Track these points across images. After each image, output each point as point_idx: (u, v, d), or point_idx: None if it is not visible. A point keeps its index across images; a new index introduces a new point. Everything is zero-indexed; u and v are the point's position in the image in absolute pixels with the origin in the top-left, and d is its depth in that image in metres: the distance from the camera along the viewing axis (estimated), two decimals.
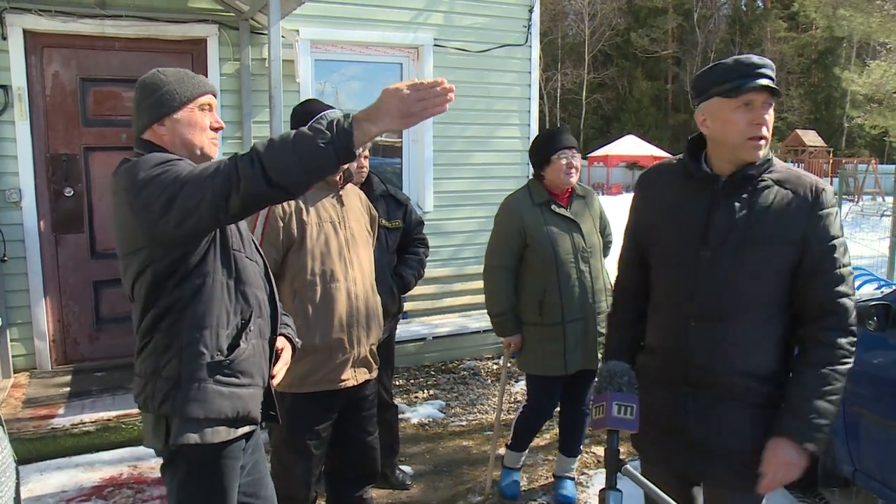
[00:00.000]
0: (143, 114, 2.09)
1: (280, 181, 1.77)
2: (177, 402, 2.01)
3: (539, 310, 3.53)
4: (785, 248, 2.00)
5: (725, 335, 2.05)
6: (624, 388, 2.16)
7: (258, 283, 2.18)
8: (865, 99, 22.75)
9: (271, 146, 1.79)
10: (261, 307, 2.17)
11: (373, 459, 3.14)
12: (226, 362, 2.04)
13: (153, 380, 2.05)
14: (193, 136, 2.10)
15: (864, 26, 18.57)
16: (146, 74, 2.13)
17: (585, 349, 3.56)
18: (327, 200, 2.92)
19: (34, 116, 5.09)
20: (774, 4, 48.01)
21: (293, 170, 1.77)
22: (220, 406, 2.03)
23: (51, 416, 4.39)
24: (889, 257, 9.70)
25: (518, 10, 6.50)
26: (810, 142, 31.69)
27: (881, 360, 3.36)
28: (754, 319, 2.04)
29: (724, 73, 2.00)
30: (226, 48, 5.47)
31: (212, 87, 2.17)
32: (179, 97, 2.07)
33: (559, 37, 45.76)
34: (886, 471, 3.24)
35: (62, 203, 5.25)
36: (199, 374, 2.02)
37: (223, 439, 2.07)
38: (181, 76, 2.11)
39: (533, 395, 3.78)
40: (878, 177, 23.28)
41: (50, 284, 5.23)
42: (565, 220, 3.57)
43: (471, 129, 6.39)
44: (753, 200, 2.03)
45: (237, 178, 1.77)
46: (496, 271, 3.61)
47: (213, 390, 2.03)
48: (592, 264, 3.59)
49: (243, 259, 2.12)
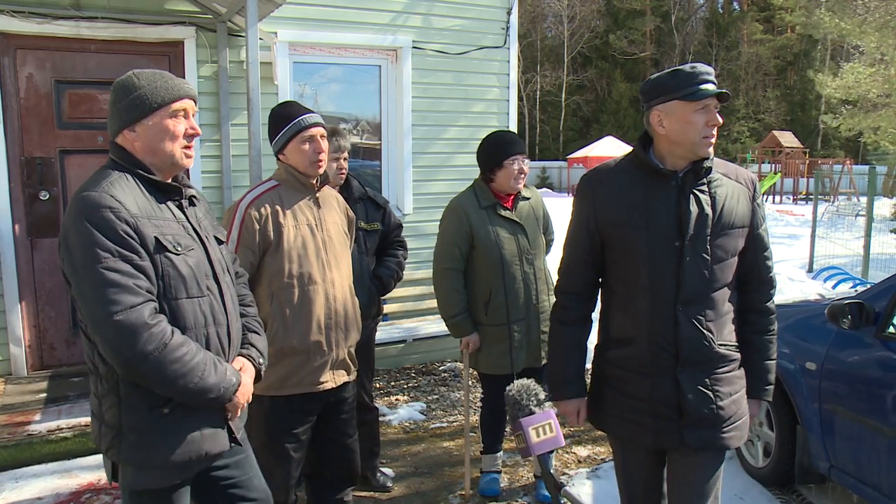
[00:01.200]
0: (115, 118, 2.05)
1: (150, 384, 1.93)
2: (121, 450, 1.98)
3: (485, 310, 3.62)
4: (741, 233, 2.29)
5: (706, 314, 2.27)
6: (535, 409, 2.18)
7: (201, 320, 2.05)
8: (839, 102, 23.05)
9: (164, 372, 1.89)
10: (209, 344, 2.06)
11: (353, 462, 3.14)
12: (166, 411, 1.99)
13: (97, 422, 2.04)
14: (164, 144, 2.04)
15: (838, 29, 18.81)
16: (121, 77, 2.07)
17: (529, 348, 3.66)
18: (304, 203, 2.92)
19: (8, 119, 5.02)
20: (751, 7, 48.50)
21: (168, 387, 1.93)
22: (163, 454, 1.98)
23: (27, 423, 4.33)
24: (864, 256, 9.84)
25: (496, 13, 6.52)
26: (787, 143, 32.00)
27: (855, 358, 3.40)
28: (723, 297, 2.30)
29: (685, 78, 2.19)
30: (203, 50, 5.44)
31: (188, 91, 2.09)
32: (151, 102, 2.01)
33: (538, 39, 45.88)
34: (861, 466, 3.28)
35: (37, 207, 5.18)
36: (141, 424, 1.97)
37: (173, 482, 2.05)
38: (155, 80, 2.04)
39: (487, 392, 3.90)
40: (853, 177, 23.62)
41: (25, 289, 5.17)
42: (511, 223, 3.64)
43: (450, 132, 6.39)
44: (713, 192, 2.26)
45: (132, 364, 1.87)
46: (446, 273, 3.65)
47: (155, 440, 1.98)
48: (536, 265, 3.68)
49: (183, 305, 2.00)
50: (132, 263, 1.88)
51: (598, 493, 3.92)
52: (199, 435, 2.03)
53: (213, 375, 1.97)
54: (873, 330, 3.31)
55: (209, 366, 1.97)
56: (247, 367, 2.22)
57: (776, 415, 3.89)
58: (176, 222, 2.06)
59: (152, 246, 1.94)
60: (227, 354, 2.13)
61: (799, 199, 27.76)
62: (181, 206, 2.12)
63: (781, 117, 45.27)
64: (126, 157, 2.04)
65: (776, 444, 3.88)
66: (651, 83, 2.27)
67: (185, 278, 2.00)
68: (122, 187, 1.95)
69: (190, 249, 2.05)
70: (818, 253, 11.35)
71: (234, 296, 2.24)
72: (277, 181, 2.95)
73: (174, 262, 1.98)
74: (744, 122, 44.75)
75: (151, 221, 1.96)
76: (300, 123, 2.88)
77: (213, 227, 2.28)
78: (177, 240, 2.01)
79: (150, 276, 1.92)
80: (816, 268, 10.58)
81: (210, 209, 2.37)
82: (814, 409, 3.57)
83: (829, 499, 3.87)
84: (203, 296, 2.05)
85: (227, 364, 2.07)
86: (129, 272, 1.87)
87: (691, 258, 2.22)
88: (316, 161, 2.89)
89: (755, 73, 46.47)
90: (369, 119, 6.38)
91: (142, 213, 1.95)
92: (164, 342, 1.87)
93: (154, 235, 1.95)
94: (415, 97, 6.21)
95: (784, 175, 29.44)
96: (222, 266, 2.19)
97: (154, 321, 1.88)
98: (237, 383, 2.06)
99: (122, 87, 2.04)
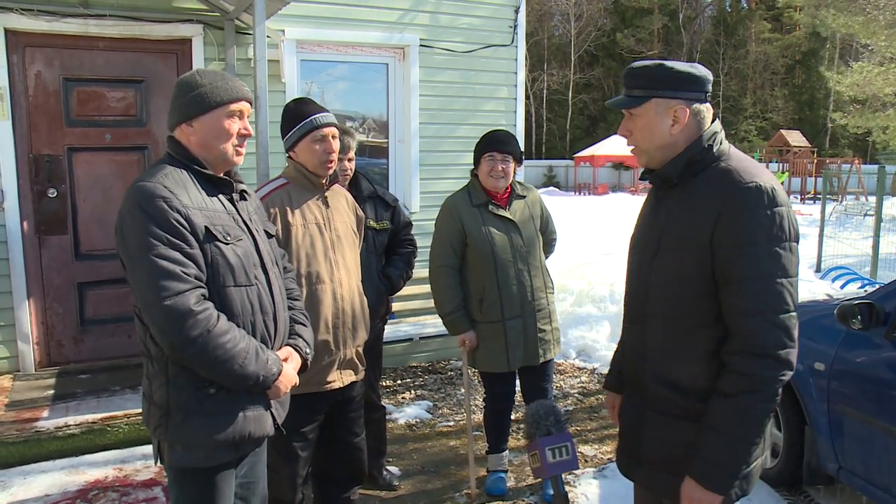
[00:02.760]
0: (175, 112, 2.14)
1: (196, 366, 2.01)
2: (168, 429, 2.05)
3: (479, 307, 3.66)
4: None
5: (646, 339, 2.06)
6: (553, 430, 2.16)
7: (248, 308, 2.12)
8: (849, 100, 22.97)
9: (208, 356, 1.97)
10: (255, 331, 2.14)
11: (360, 460, 3.14)
12: (212, 392, 2.06)
13: (146, 403, 2.12)
14: (218, 141, 2.13)
15: (847, 27, 18.74)
16: (185, 73, 2.18)
17: (526, 346, 3.67)
18: (312, 202, 2.91)
19: (16, 117, 5.03)
20: (759, 6, 48.32)
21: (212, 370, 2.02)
22: (208, 433, 2.05)
23: (35, 419, 4.34)
24: (872, 256, 9.78)
25: (504, 11, 6.50)
26: (794, 142, 31.89)
27: (865, 359, 3.39)
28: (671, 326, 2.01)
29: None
30: (211, 48, 5.44)
31: (246, 93, 2.20)
32: (210, 101, 2.11)
33: (545, 37, 45.83)
34: (870, 468, 3.27)
35: (45, 204, 5.20)
36: (188, 404, 2.04)
37: (217, 463, 2.11)
38: (216, 80, 2.14)
39: (488, 390, 3.91)
40: (862, 177, 23.52)
41: (33, 286, 5.18)
42: (504, 221, 3.67)
43: (457, 130, 6.38)
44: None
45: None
46: (441, 271, 3.69)
47: (200, 419, 2.05)
48: (531, 263, 3.69)
49: (231, 293, 2.08)
50: (182, 251, 1.97)
51: (605, 492, 3.91)
52: (243, 416, 2.11)
53: (254, 363, 2.05)
54: (883, 331, 3.29)
55: (251, 353, 2.05)
56: (293, 356, 2.30)
57: (784, 415, 3.87)
58: (226, 214, 2.15)
59: (202, 235, 2.02)
60: (273, 342, 2.22)
61: (807, 199, 27.65)
62: (232, 200, 2.21)
63: (789, 116, 45.14)
64: (180, 151, 2.14)
65: (784, 445, 3.87)
66: (702, 72, 2.05)
67: (233, 267, 2.09)
68: (176, 179, 2.05)
69: (239, 240, 2.13)
70: (826, 253, 11.29)
71: (282, 288, 2.33)
72: (287, 179, 2.94)
73: (223, 251, 2.06)
74: (751, 120, 44.64)
75: (202, 212, 2.06)
76: (313, 122, 2.87)
77: (262, 221, 2.37)
78: (226, 230, 2.10)
79: (200, 263, 2.01)
80: (824, 268, 10.52)
81: (261, 206, 2.49)
82: (822, 410, 3.55)
83: (838, 500, 3.85)
84: (251, 285, 2.14)
85: (270, 353, 2.14)
86: (178, 259, 1.95)
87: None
88: (326, 161, 2.88)
89: (763, 71, 46.33)
90: (376, 117, 6.37)
91: (193, 204, 2.04)
92: (207, 328, 1.95)
93: (204, 225, 2.03)
94: (422, 95, 6.20)
95: (792, 174, 29.33)
96: (271, 258, 2.29)
97: (200, 307, 1.96)
98: (277, 373, 2.14)
99: (185, 84, 2.14)
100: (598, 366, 6.32)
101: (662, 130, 1.99)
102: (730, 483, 1.87)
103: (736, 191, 1.85)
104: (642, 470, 2.12)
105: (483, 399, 4.00)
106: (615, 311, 6.94)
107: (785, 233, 1.83)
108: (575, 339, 6.77)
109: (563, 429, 2.19)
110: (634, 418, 2.13)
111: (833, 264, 10.43)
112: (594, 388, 5.76)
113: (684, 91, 1.97)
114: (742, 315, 1.83)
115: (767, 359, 1.81)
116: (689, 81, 1.98)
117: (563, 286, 7.65)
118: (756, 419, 1.84)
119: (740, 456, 1.86)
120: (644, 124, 2.01)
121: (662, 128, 1.99)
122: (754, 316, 1.81)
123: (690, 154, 1.97)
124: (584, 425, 4.93)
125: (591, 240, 12.19)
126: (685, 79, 1.97)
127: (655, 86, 1.98)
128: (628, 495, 2.44)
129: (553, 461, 1.84)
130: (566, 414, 5.11)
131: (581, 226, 14.78)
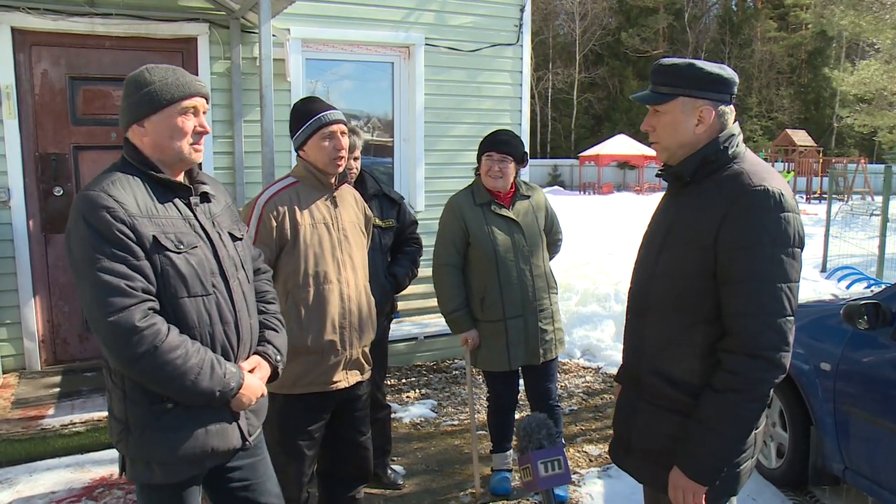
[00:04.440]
0: (125, 113, 2.05)
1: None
2: (128, 444, 1.99)
3: (481, 306, 3.67)
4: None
5: (645, 331, 2.10)
6: (545, 443, 2.15)
7: (206, 319, 2.02)
8: (855, 98, 22.90)
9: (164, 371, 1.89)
10: (214, 342, 2.04)
11: (365, 459, 3.14)
12: (169, 407, 1.98)
13: (109, 415, 2.06)
14: (172, 141, 2.02)
15: (854, 26, 18.68)
16: (134, 71, 2.06)
17: (527, 345, 3.68)
18: (321, 201, 2.91)
19: (23, 115, 5.05)
20: (765, 4, 48.17)
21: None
22: (167, 449, 1.98)
23: (40, 417, 4.36)
24: (878, 256, 9.76)
25: (509, 10, 6.49)
26: (800, 141, 31.82)
27: (871, 359, 3.37)
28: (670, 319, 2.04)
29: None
30: (216, 47, 5.44)
31: (199, 88, 2.08)
32: (161, 99, 2.00)
33: (550, 36, 45.77)
34: (876, 468, 3.26)
35: (51, 202, 5.21)
36: (144, 419, 1.97)
37: (178, 479, 2.04)
38: (167, 76, 2.04)
39: (491, 389, 3.92)
40: (868, 176, 23.42)
41: (39, 284, 5.20)
42: (507, 221, 3.68)
43: (462, 129, 6.38)
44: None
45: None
46: (444, 269, 3.70)
47: (158, 435, 1.97)
48: (534, 263, 3.69)
49: (185, 304, 1.98)
50: (128, 264, 1.87)
51: (609, 492, 3.90)
52: (204, 431, 2.02)
53: (209, 379, 1.95)
54: (889, 331, 3.28)
55: (206, 368, 1.95)
56: (262, 364, 2.19)
57: (790, 415, 3.86)
58: (182, 220, 2.04)
59: (150, 245, 1.92)
60: (237, 352, 2.11)
61: (812, 198, 27.58)
62: (189, 204, 2.09)
63: (795, 116, 44.99)
64: (133, 154, 2.04)
65: (789, 445, 3.86)
66: (728, 73, 2.04)
67: (185, 277, 1.98)
68: (123, 186, 1.94)
69: (193, 247, 2.02)
70: (832, 252, 11.26)
71: (249, 293, 2.20)
72: (296, 178, 2.94)
73: (174, 261, 1.96)
74: (757, 120, 44.49)
75: (152, 220, 1.95)
76: (321, 120, 2.86)
77: (232, 222, 2.25)
78: (179, 238, 1.99)
79: (148, 275, 1.91)
80: (830, 267, 10.49)
81: (232, 204, 2.35)
82: (828, 410, 3.54)
83: (843, 501, 3.84)
84: (208, 294, 2.03)
85: (228, 366, 2.03)
86: (124, 273, 1.86)
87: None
88: (336, 158, 2.88)
89: (768, 70, 46.18)
90: (381, 116, 6.37)
91: (142, 213, 1.93)
92: (154, 344, 1.86)
93: (153, 234, 1.93)
94: (427, 94, 6.20)
95: (797, 174, 29.28)
96: (234, 263, 2.16)
97: (146, 323, 1.86)
98: (237, 387, 2.03)
99: (134, 83, 2.04)
100: (603, 365, 6.31)
101: (687, 129, 2.00)
102: (714, 476, 1.91)
103: (744, 193, 1.87)
104: (630, 458, 2.16)
105: (487, 398, 4.00)
106: (620, 310, 6.92)
107: (789, 238, 1.84)
108: (579, 339, 6.77)
109: (555, 442, 2.18)
110: (628, 408, 2.18)
111: (839, 264, 10.40)
112: (599, 387, 5.75)
113: (712, 92, 1.98)
114: (740, 315, 1.85)
115: (760, 360, 1.83)
116: (717, 82, 1.98)
117: (568, 285, 7.64)
118: (742, 418, 1.87)
119: (724, 452, 1.90)
120: (668, 121, 2.03)
121: (687, 126, 2.00)
122: (752, 317, 1.83)
123: (705, 154, 1.98)
124: (589, 425, 4.93)
125: (595, 239, 12.18)
126: (714, 80, 1.98)
127: (683, 84, 1.99)
128: (632, 495, 2.44)
129: (545, 475, 1.83)
130: (571, 413, 5.10)
131: (586, 225, 14.77)
